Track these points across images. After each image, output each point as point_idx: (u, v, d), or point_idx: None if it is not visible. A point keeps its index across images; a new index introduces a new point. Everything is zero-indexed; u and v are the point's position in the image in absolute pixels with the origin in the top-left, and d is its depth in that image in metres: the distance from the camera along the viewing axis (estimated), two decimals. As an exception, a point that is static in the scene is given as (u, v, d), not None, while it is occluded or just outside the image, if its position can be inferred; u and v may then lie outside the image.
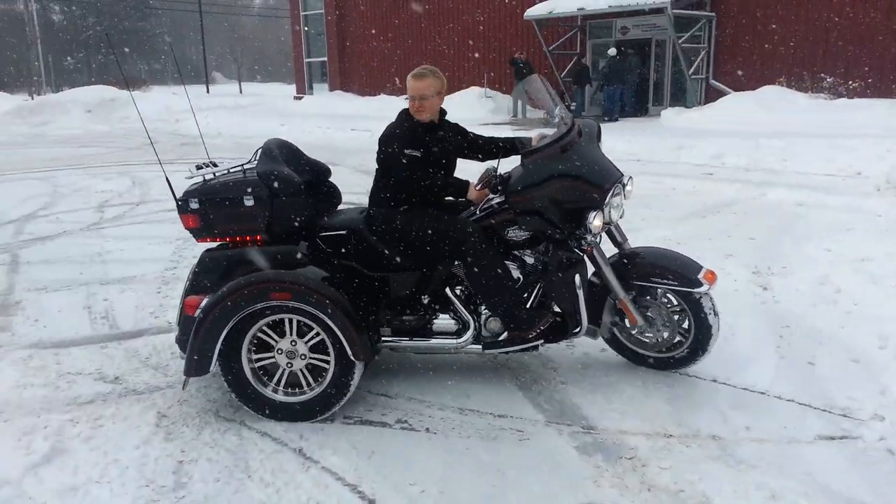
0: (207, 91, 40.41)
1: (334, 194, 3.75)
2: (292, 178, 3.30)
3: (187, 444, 2.97)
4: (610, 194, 3.21)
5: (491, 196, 3.34)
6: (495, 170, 3.26)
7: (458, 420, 3.14)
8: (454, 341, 3.36)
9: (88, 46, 61.98)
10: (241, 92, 45.07)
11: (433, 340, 3.40)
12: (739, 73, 16.32)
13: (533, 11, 17.66)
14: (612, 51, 16.57)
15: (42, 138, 17.33)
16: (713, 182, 8.75)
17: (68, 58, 59.28)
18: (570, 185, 3.20)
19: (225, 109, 21.70)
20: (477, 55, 21.16)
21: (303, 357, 3.17)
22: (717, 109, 14.06)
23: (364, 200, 3.65)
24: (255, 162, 3.42)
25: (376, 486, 2.66)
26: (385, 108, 20.86)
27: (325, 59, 26.71)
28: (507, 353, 3.43)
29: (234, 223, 3.27)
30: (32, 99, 24.41)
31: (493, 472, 2.75)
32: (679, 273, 3.33)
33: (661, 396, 3.30)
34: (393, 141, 3.32)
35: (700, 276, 3.30)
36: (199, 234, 3.33)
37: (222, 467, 2.81)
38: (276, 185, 3.23)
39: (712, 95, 16.23)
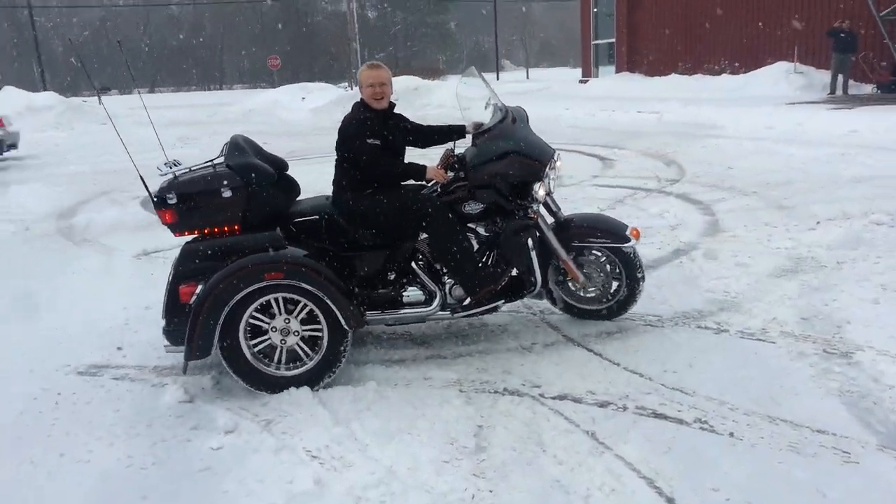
0: (497, 78, 42.28)
1: (293, 186, 3.86)
2: (266, 168, 3.44)
3: (485, 411, 3.13)
4: (548, 167, 3.65)
5: (450, 174, 3.71)
6: (453, 150, 3.79)
7: (767, 429, 2.85)
8: (423, 310, 3.63)
9: (396, 40, 68.91)
10: (527, 77, 46.39)
11: (403, 311, 3.64)
12: None
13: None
14: None
15: (358, 124, 19.62)
16: None
17: (380, 53, 66.39)
18: (517, 160, 3.61)
19: (513, 95, 22.50)
20: (785, 26, 18.97)
21: (296, 333, 3.35)
22: None
23: (665, 186, 3.48)
24: (223, 156, 3.52)
25: (674, 484, 2.53)
26: (677, 89, 19.82)
27: (613, 39, 26.21)
28: (473, 315, 3.72)
29: (212, 215, 3.36)
30: (351, 89, 27.77)
31: (811, 491, 2.45)
32: (610, 232, 3.84)
33: None
34: (354, 131, 3.54)
35: (627, 233, 3.80)
36: (177, 229, 3.42)
37: (517, 437, 2.90)
38: (252, 175, 3.35)
39: None
